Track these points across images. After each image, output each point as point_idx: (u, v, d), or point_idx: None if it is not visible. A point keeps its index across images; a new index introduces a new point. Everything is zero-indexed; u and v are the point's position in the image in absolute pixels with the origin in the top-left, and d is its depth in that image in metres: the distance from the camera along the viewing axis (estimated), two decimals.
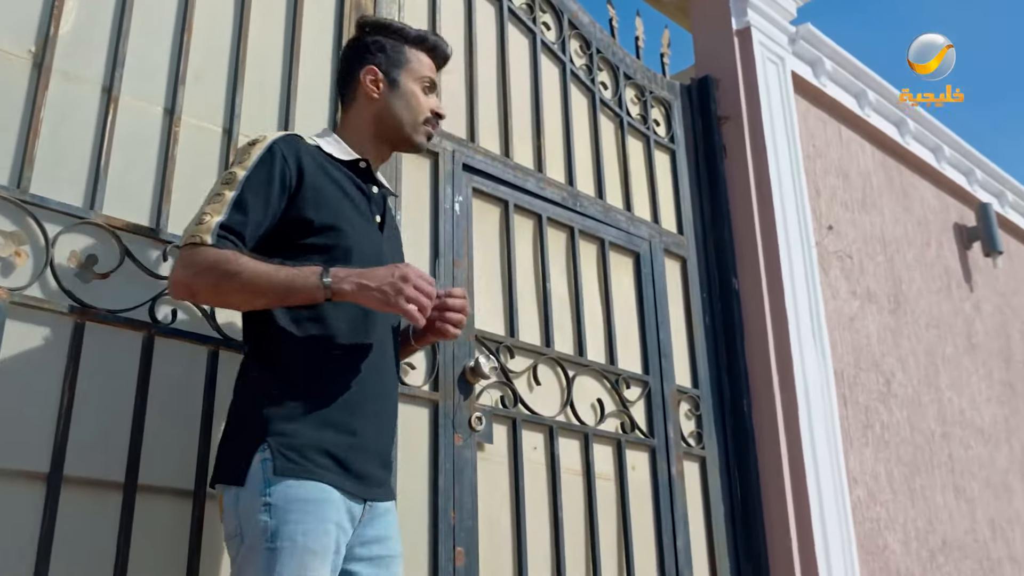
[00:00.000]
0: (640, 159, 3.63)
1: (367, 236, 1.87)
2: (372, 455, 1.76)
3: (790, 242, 3.71)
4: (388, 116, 1.97)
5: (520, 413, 2.76)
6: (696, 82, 3.96)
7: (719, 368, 3.51)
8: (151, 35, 2.25)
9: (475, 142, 2.94)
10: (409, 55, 2.00)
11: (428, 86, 1.99)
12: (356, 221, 1.86)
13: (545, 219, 3.08)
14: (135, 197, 2.12)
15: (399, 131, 1.98)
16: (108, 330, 1.98)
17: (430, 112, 1.99)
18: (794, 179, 3.89)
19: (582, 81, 3.46)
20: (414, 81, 1.98)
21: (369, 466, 1.74)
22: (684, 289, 3.55)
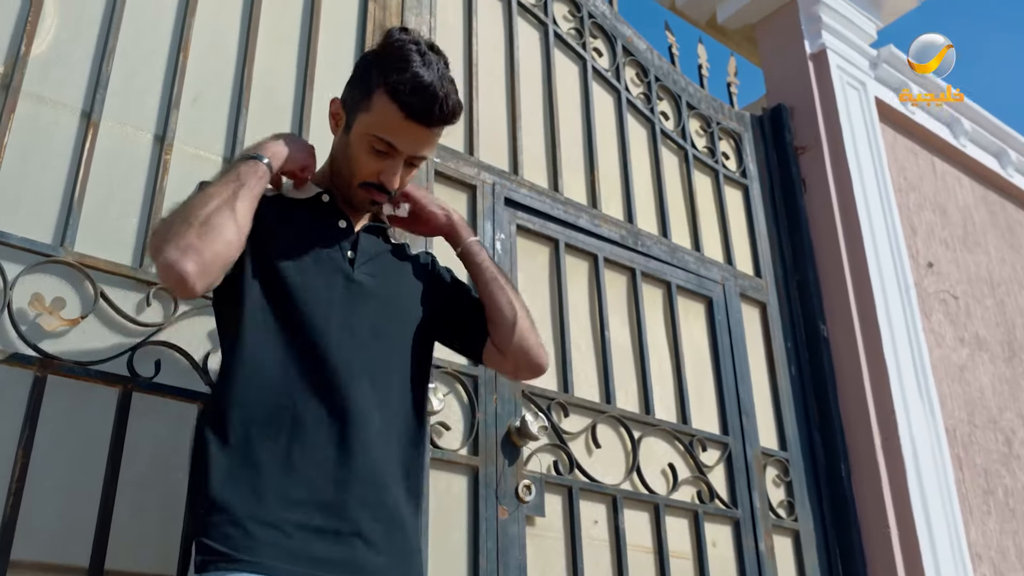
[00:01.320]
0: (708, 195, 3.26)
1: (321, 275, 1.54)
2: (350, 521, 1.39)
3: (885, 283, 3.26)
4: (335, 160, 1.64)
5: (577, 480, 2.36)
6: (768, 112, 3.59)
7: (810, 427, 3.06)
8: (142, 55, 2.00)
9: (519, 175, 2.61)
10: (376, 100, 1.51)
11: (381, 150, 1.52)
12: (307, 263, 1.54)
13: (602, 260, 2.73)
14: (115, 233, 1.84)
15: (339, 183, 1.62)
16: (76, 385, 1.69)
17: (372, 177, 1.55)
18: (885, 214, 3.46)
19: (640, 111, 3.13)
20: (364, 135, 1.53)
21: (341, 544, 1.37)
22: (765, 337, 3.12)
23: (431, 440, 2.11)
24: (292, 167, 1.54)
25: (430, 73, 1.48)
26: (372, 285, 1.59)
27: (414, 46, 1.51)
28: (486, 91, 2.66)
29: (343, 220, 1.61)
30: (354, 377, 1.48)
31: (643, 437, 2.57)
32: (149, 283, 1.82)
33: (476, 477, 2.17)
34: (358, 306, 1.54)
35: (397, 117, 1.49)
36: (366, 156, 1.53)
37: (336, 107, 1.61)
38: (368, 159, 1.53)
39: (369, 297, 1.57)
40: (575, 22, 3.06)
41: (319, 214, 1.60)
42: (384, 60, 1.52)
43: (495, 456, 2.21)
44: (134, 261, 1.83)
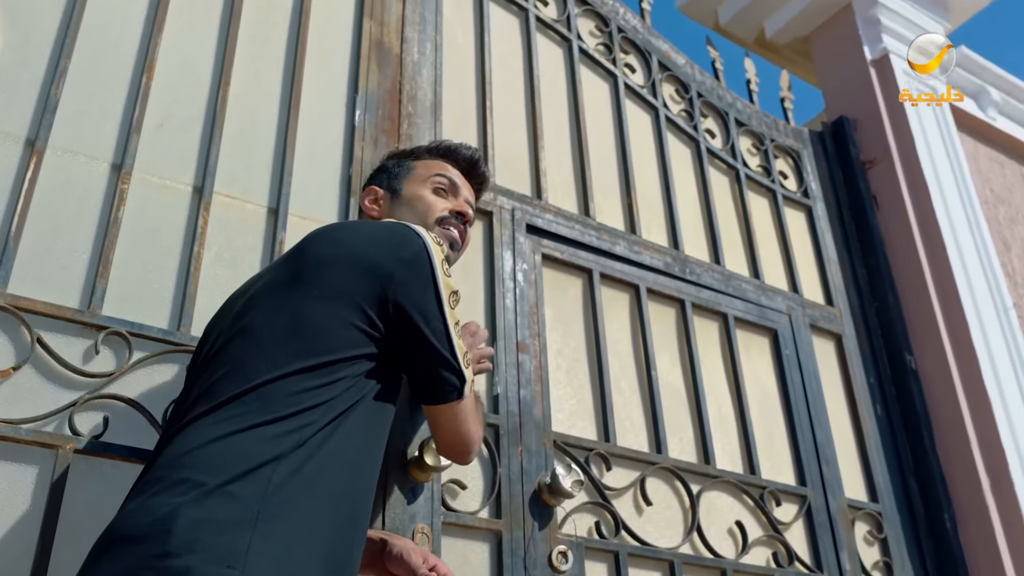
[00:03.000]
0: (766, 217, 2.92)
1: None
2: None
3: (979, 305, 2.85)
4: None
5: (625, 544, 2.01)
6: (829, 125, 3.25)
7: (904, 473, 2.64)
8: (99, 77, 1.79)
9: (542, 199, 2.32)
10: (414, 165, 1.72)
11: (442, 188, 1.68)
12: None
13: (644, 290, 2.40)
14: (58, 272, 1.60)
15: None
16: (4, 448, 1.43)
17: (446, 211, 1.64)
18: (972, 230, 3.07)
19: (682, 128, 2.83)
20: (419, 184, 1.68)
21: None
22: (843, 373, 2.73)
23: (443, 502, 1.79)
24: None
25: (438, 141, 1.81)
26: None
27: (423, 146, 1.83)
28: (501, 111, 2.40)
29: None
30: None
31: (703, 491, 2.20)
32: (98, 327, 1.57)
33: (500, 544, 1.83)
34: None
35: (443, 163, 1.72)
36: (432, 196, 1.65)
37: (372, 194, 1.70)
38: (435, 198, 1.65)
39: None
40: (603, 37, 2.79)
41: None
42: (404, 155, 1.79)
43: (522, 518, 1.87)
44: (81, 303, 1.59)
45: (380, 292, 1.30)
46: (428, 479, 1.75)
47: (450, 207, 1.63)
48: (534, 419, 2.00)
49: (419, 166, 1.69)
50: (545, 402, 2.04)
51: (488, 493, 1.87)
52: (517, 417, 1.97)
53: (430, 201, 1.63)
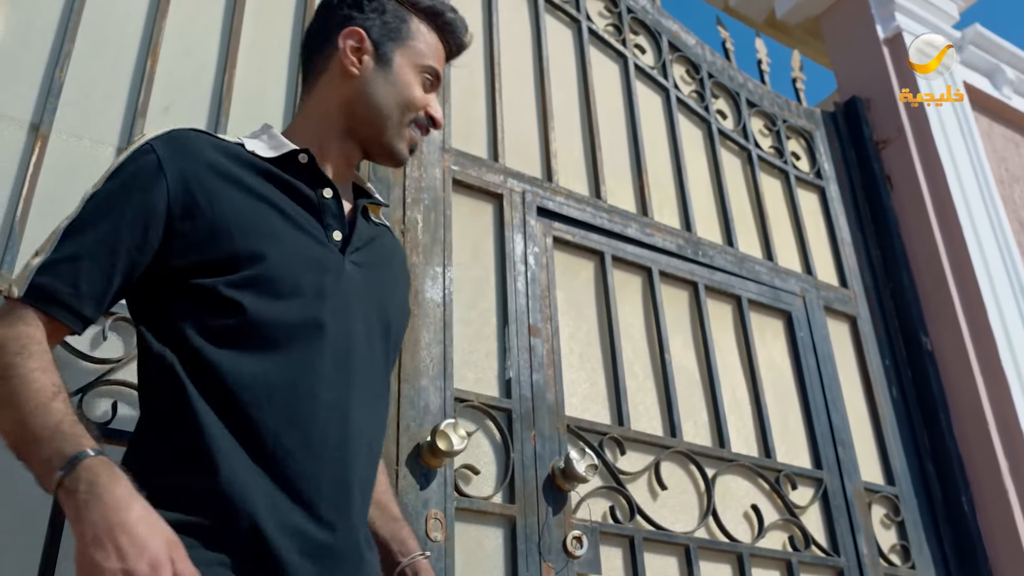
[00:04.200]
0: (779, 199, 2.88)
1: (310, 259, 1.18)
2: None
3: (996, 286, 2.82)
4: (366, 101, 1.30)
5: (640, 529, 1.98)
6: (842, 106, 3.21)
7: (920, 456, 2.61)
8: (104, 60, 1.77)
9: (553, 182, 2.30)
10: (414, 28, 1.35)
11: (430, 80, 1.36)
12: (289, 239, 1.17)
13: (656, 273, 2.37)
14: None
15: (376, 126, 1.31)
16: None
17: (423, 112, 1.34)
18: (988, 210, 3.03)
19: (693, 110, 2.80)
20: (412, 66, 1.33)
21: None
22: (858, 355, 2.70)
23: (456, 487, 1.77)
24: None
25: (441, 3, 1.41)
26: (360, 280, 1.24)
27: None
28: (511, 93, 2.37)
29: (328, 188, 1.25)
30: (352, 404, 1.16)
31: (718, 475, 2.18)
32: (107, 313, 1.54)
33: (513, 529, 1.82)
34: (350, 307, 1.20)
35: (437, 46, 1.39)
36: (419, 90, 1.34)
37: (358, 39, 1.32)
38: (423, 94, 1.35)
39: (357, 295, 1.22)
40: (612, 18, 2.76)
41: (295, 179, 1.23)
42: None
43: (536, 503, 1.85)
44: None
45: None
46: (441, 465, 1.74)
47: (431, 110, 1.34)
48: (547, 403, 1.98)
49: (417, 35, 1.35)
50: (558, 386, 2.02)
51: (501, 478, 1.85)
52: (530, 402, 1.95)
53: (416, 92, 1.32)
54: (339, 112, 1.32)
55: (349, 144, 1.33)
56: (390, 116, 1.30)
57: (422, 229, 1.98)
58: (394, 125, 1.31)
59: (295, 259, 1.16)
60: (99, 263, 1.08)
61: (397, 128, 1.31)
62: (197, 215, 1.12)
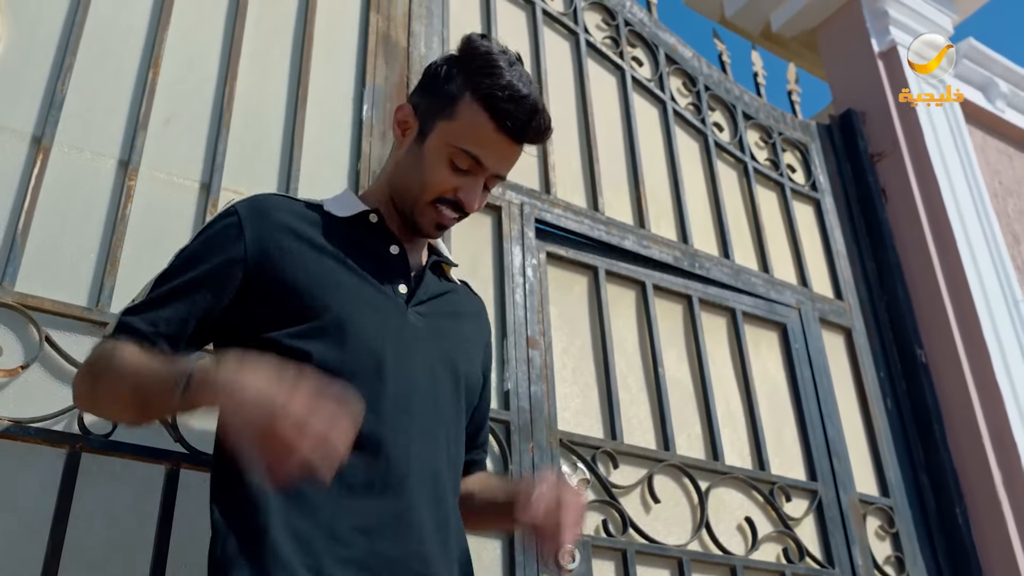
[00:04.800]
0: (775, 211, 2.90)
1: (373, 308, 1.24)
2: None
3: (989, 299, 2.84)
4: (398, 175, 1.35)
5: (633, 542, 2.00)
6: (837, 118, 3.23)
7: (915, 468, 2.62)
8: (106, 73, 1.78)
9: (551, 194, 2.31)
10: (463, 107, 1.27)
11: (463, 167, 1.27)
12: (352, 289, 1.24)
13: (651, 287, 2.38)
14: (66, 269, 1.59)
15: (403, 200, 1.33)
16: (14, 448, 1.42)
17: (449, 192, 1.29)
18: (982, 223, 3.05)
19: (689, 122, 2.81)
20: (445, 145, 1.27)
21: None
22: (853, 367, 2.72)
23: None
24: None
25: (526, 85, 1.27)
26: (424, 330, 1.28)
27: (503, 55, 1.29)
28: None
29: (395, 246, 1.32)
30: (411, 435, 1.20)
31: (712, 488, 2.19)
32: (106, 325, 1.55)
33: (511, 542, 1.83)
34: (413, 353, 1.25)
35: (488, 128, 1.26)
36: (445, 170, 1.28)
37: (406, 113, 1.35)
38: (447, 174, 1.28)
39: (421, 342, 1.27)
40: (610, 31, 2.78)
41: (365, 237, 1.32)
42: (471, 65, 1.29)
43: None
44: (89, 300, 1.58)
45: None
46: None
47: (456, 191, 1.28)
48: (544, 416, 1.99)
49: (462, 114, 1.27)
50: (551, 401, 2.03)
51: None
52: (528, 413, 1.96)
53: (439, 176, 1.28)
54: (388, 180, 1.38)
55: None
56: (410, 193, 1.32)
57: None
58: (414, 203, 1.31)
59: (357, 307, 1.22)
60: (177, 308, 1.20)
61: (417, 206, 1.31)
62: (270, 271, 1.22)
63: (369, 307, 1.23)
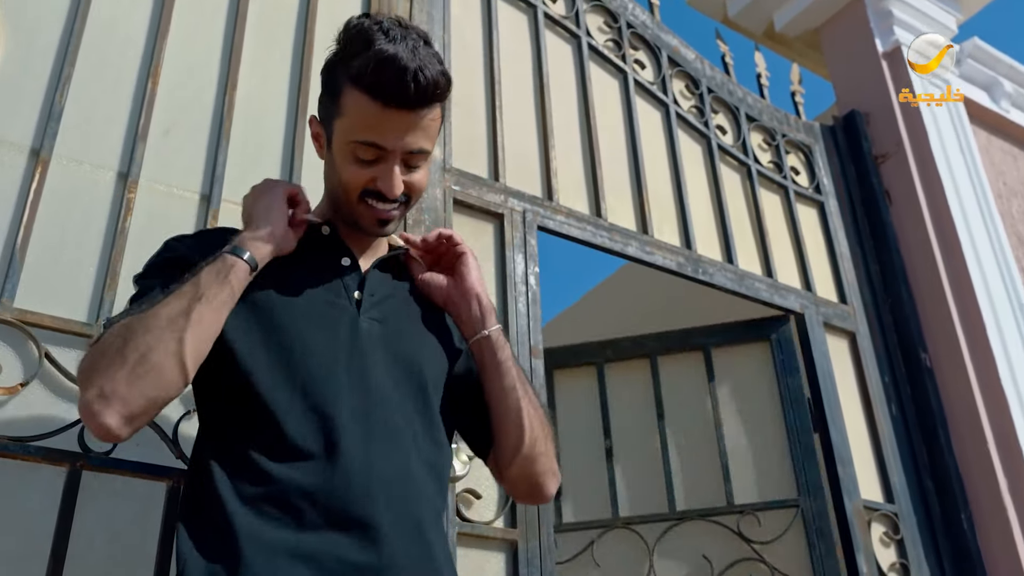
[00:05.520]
0: (778, 214, 2.88)
1: (322, 322, 1.23)
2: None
3: (994, 302, 2.82)
4: (328, 186, 1.36)
5: None
6: (841, 120, 3.21)
7: (919, 473, 2.61)
8: (104, 84, 1.76)
9: (553, 200, 2.29)
10: (346, 101, 1.23)
11: (366, 158, 1.24)
12: (300, 306, 1.24)
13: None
14: (65, 285, 1.57)
15: (337, 207, 1.33)
16: (14, 466, 1.41)
17: (370, 185, 1.26)
18: (987, 225, 3.03)
19: (692, 125, 2.80)
20: (344, 144, 1.25)
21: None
22: (857, 372, 2.71)
23: (457, 512, 1.77)
24: (279, 231, 1.24)
25: (394, 46, 1.19)
26: (380, 336, 1.27)
27: (376, 26, 1.22)
28: (511, 111, 2.36)
29: (347, 257, 1.32)
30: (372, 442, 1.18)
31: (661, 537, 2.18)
32: None
33: (515, 554, 1.82)
34: (368, 360, 1.23)
35: (371, 108, 1.21)
36: (353, 167, 1.25)
37: (315, 126, 1.35)
38: (356, 170, 1.25)
39: (377, 348, 1.25)
40: (612, 33, 2.76)
41: (319, 250, 1.32)
42: (345, 52, 1.25)
43: (538, 528, 1.85)
44: (89, 316, 1.56)
45: None
46: None
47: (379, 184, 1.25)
48: None
49: (346, 107, 1.23)
50: None
51: (503, 502, 1.85)
52: None
53: (351, 174, 1.25)
54: (326, 194, 1.38)
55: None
56: (339, 199, 1.31)
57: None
58: (347, 206, 1.30)
59: (304, 323, 1.22)
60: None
61: (350, 208, 1.29)
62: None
63: (317, 321, 1.22)
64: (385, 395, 1.22)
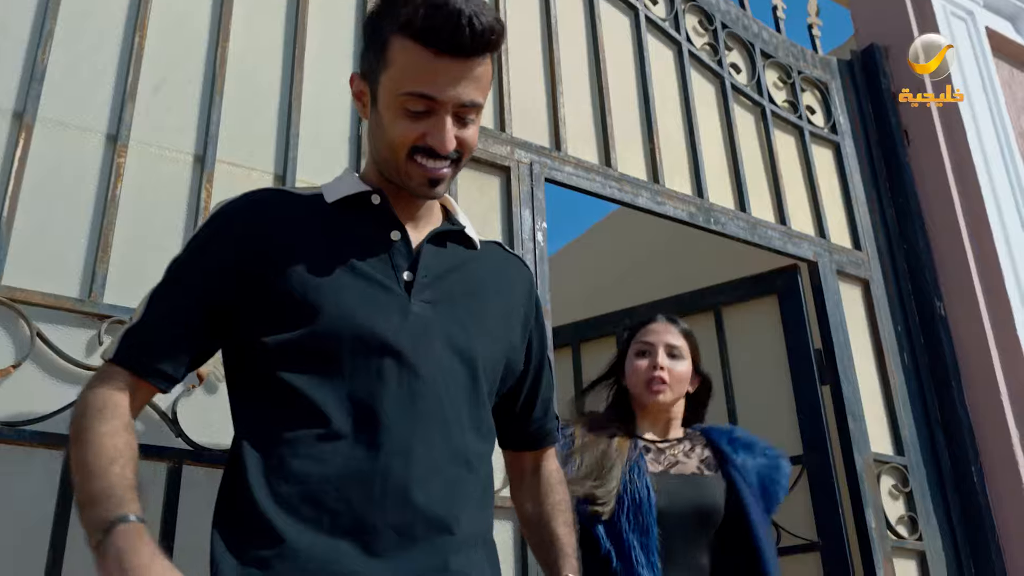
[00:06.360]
0: (793, 157, 2.79)
1: (373, 308, 1.14)
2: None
3: (1013, 250, 2.75)
4: (374, 146, 1.23)
5: None
6: (859, 54, 3.09)
7: (931, 426, 2.58)
8: (89, 40, 1.67)
9: (561, 151, 2.21)
10: (393, 52, 1.14)
11: (417, 109, 1.15)
12: (350, 289, 1.14)
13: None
14: (55, 259, 1.51)
15: (388, 169, 1.21)
16: (7, 452, 1.37)
17: (419, 142, 1.16)
18: (1008, 166, 2.94)
19: (706, 64, 2.68)
20: (393, 97, 1.15)
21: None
22: (870, 321, 2.65)
23: None
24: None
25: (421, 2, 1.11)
26: (433, 319, 1.18)
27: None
28: (518, 57, 2.26)
29: (396, 231, 1.21)
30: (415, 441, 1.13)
31: None
32: (101, 316, 1.48)
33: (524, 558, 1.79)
34: (419, 349, 1.15)
35: (422, 57, 1.13)
36: (403, 122, 1.15)
37: (357, 84, 1.23)
38: (407, 125, 1.15)
39: (429, 334, 1.17)
40: None
41: (367, 222, 1.21)
42: (391, 2, 1.16)
43: None
44: (81, 292, 1.50)
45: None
46: None
47: (428, 139, 1.16)
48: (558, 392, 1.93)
49: (395, 58, 1.15)
50: None
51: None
52: None
53: (398, 130, 1.16)
54: (371, 157, 1.26)
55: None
56: (388, 161, 1.20)
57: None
58: (395, 166, 1.19)
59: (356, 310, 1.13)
60: (178, 325, 1.13)
61: (399, 168, 1.19)
62: (264, 276, 1.14)
63: (368, 307, 1.14)
64: (433, 387, 1.15)
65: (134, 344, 1.12)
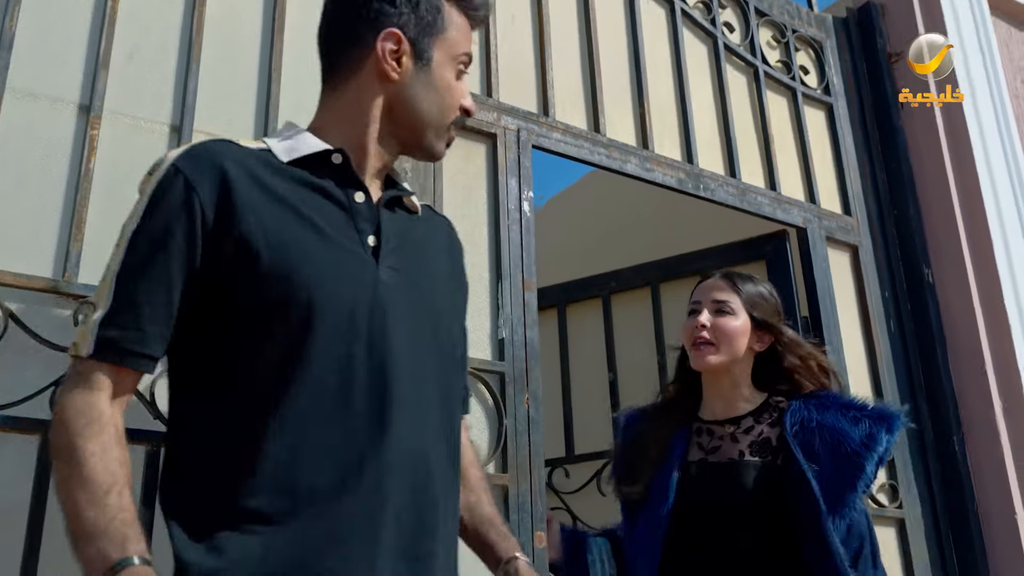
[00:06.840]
0: (785, 119, 2.75)
1: (343, 274, 1.11)
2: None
3: (1004, 217, 2.73)
4: (409, 107, 1.22)
5: None
6: (855, 12, 3.02)
7: (914, 393, 2.59)
8: (56, 5, 1.60)
9: (548, 116, 2.16)
10: (447, 16, 1.25)
11: (464, 68, 1.28)
12: (320, 253, 1.10)
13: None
14: (27, 237, 1.47)
15: (419, 131, 1.24)
16: None
17: (460, 110, 1.27)
18: (1001, 131, 2.90)
19: (698, 23, 2.62)
20: (449, 59, 1.24)
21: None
22: (857, 287, 2.64)
23: None
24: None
25: None
26: (399, 286, 1.16)
27: None
28: (505, 19, 2.20)
29: (361, 192, 1.18)
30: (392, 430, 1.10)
31: None
32: (75, 296, 1.45)
33: (506, 499, 1.79)
34: (391, 320, 1.13)
35: (467, 26, 1.28)
36: (458, 84, 1.26)
37: (395, 40, 1.21)
38: (460, 87, 1.27)
39: (398, 304, 1.14)
40: None
41: (325, 184, 1.16)
42: None
43: (528, 472, 1.82)
44: (55, 271, 1.47)
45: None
46: None
47: (464, 102, 1.26)
48: (542, 364, 1.92)
49: (451, 23, 1.24)
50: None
51: (494, 447, 1.82)
52: (524, 362, 1.89)
53: (455, 92, 1.25)
54: (379, 116, 1.23)
55: (389, 145, 1.24)
56: (432, 121, 1.24)
57: (410, 177, 1.86)
58: (436, 129, 1.25)
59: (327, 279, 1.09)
60: (158, 302, 1.06)
61: (439, 132, 1.25)
62: (230, 230, 1.08)
63: (340, 272, 1.11)
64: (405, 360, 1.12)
65: (113, 335, 1.04)
